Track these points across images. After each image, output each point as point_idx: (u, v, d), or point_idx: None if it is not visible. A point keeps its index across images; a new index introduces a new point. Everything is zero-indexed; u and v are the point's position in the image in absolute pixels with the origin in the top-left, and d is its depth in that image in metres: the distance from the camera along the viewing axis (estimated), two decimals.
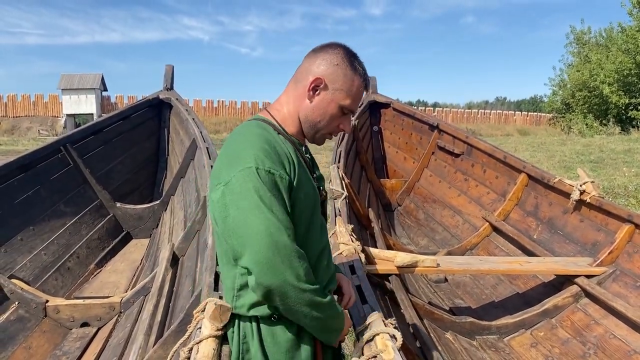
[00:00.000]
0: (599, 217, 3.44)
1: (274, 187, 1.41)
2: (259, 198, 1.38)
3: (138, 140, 5.49)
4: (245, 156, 1.43)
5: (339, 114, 1.56)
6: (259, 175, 1.39)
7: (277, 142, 1.50)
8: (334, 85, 1.53)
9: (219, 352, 1.56)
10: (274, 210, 1.39)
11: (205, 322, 1.62)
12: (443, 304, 3.57)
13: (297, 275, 1.40)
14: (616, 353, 2.75)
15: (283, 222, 1.39)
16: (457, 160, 4.95)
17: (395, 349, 1.57)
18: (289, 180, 1.45)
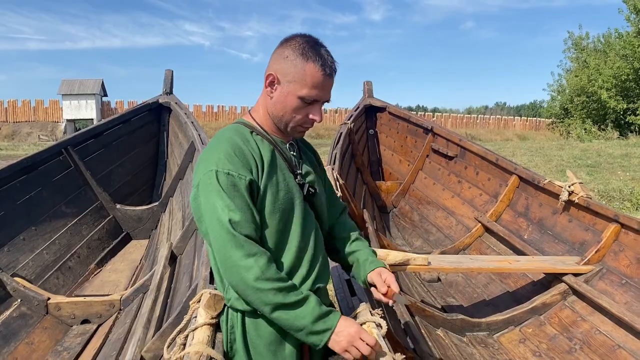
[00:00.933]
0: (586, 217, 3.53)
1: (232, 187, 1.49)
2: (218, 197, 1.48)
3: (138, 144, 5.60)
4: (209, 160, 1.54)
5: (301, 104, 1.56)
6: (217, 177, 1.49)
7: (246, 145, 1.58)
8: (286, 77, 1.54)
9: (214, 339, 1.64)
10: (232, 207, 1.48)
11: (201, 311, 1.70)
12: (435, 302, 3.65)
13: (253, 273, 1.45)
14: (601, 348, 2.83)
15: (241, 218, 1.48)
16: (451, 163, 5.04)
17: (380, 335, 1.66)
18: (251, 179, 1.52)
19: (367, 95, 6.13)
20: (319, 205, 1.77)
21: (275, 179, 1.59)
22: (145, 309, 2.61)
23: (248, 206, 1.51)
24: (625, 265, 3.14)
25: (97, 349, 2.90)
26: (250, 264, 1.46)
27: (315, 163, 1.85)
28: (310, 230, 1.70)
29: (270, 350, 1.66)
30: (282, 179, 1.62)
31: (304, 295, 1.53)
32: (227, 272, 1.50)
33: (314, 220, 1.73)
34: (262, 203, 1.56)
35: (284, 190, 1.61)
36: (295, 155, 1.72)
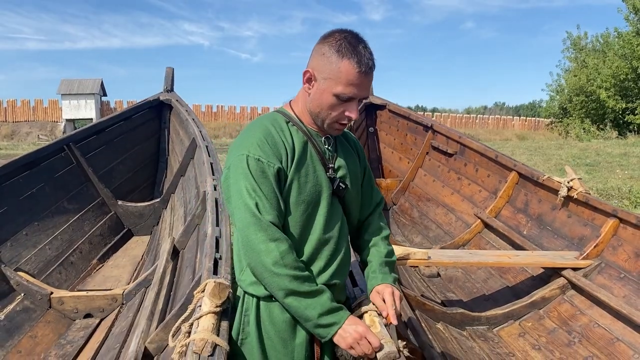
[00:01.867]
0: (585, 213, 3.56)
1: (261, 173, 1.56)
2: (246, 181, 1.56)
3: (139, 141, 5.62)
4: (243, 145, 1.62)
5: (336, 102, 1.58)
6: (248, 162, 1.56)
7: (280, 134, 1.64)
8: (322, 75, 1.57)
9: (218, 326, 1.67)
10: (258, 192, 1.54)
11: (205, 300, 1.73)
12: (435, 297, 3.68)
13: (272, 257, 1.51)
14: (600, 341, 2.86)
15: (266, 204, 1.55)
16: (451, 160, 5.07)
17: (382, 323, 1.68)
18: (279, 167, 1.58)
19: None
20: (349, 200, 1.79)
21: (304, 170, 1.64)
22: (148, 302, 2.63)
23: (274, 193, 1.56)
24: (623, 260, 3.17)
25: (100, 342, 2.92)
26: (271, 248, 1.52)
27: (354, 157, 1.84)
28: (334, 224, 1.72)
29: (281, 338, 1.70)
30: (312, 171, 1.66)
31: (318, 288, 1.58)
32: (247, 253, 1.56)
33: (340, 215, 1.76)
34: (289, 192, 1.61)
35: (312, 182, 1.65)
36: (330, 149, 1.74)
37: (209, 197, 3.09)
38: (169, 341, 1.73)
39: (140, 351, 2.19)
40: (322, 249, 1.69)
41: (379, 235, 1.89)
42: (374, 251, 1.86)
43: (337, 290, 1.75)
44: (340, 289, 1.79)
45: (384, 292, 1.72)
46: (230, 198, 1.62)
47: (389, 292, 1.71)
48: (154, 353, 2.26)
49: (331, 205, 1.70)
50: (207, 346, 1.53)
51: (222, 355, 1.53)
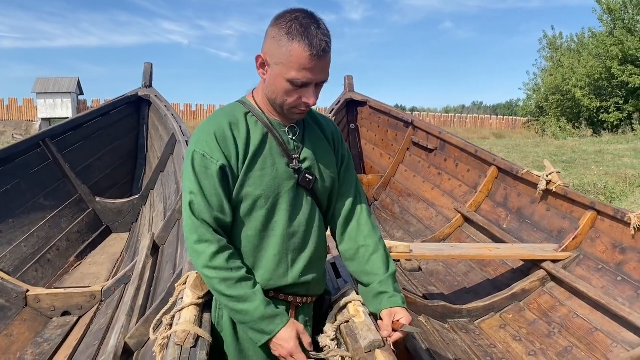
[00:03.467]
0: (564, 206, 3.61)
1: (204, 169, 1.51)
2: (189, 178, 1.54)
3: (117, 137, 5.54)
4: (194, 139, 1.58)
5: (290, 87, 1.47)
6: (194, 157, 1.53)
7: (233, 127, 1.55)
8: (274, 59, 1.46)
9: (201, 318, 1.64)
10: (196, 190, 1.52)
11: (187, 292, 1.70)
12: (417, 290, 3.69)
13: (202, 259, 1.51)
14: (579, 331, 2.90)
15: (202, 202, 1.51)
16: (431, 155, 5.10)
17: (366, 313, 1.68)
18: (223, 164, 1.50)
19: (348, 89, 6.17)
20: (320, 192, 1.69)
21: (260, 164, 1.56)
22: (127, 298, 2.59)
23: (215, 191, 1.51)
24: (601, 251, 3.22)
25: (79, 339, 2.87)
26: (201, 250, 1.51)
27: (325, 146, 1.72)
28: (300, 218, 1.64)
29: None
30: (271, 163, 1.57)
31: (250, 292, 1.53)
32: (188, 250, 1.57)
33: (308, 208, 1.66)
34: (242, 188, 1.55)
35: (270, 175, 1.57)
36: (295, 140, 1.63)
37: None
38: (150, 334, 1.70)
39: (120, 346, 2.15)
40: (287, 244, 1.62)
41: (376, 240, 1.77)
42: (377, 261, 1.73)
43: (313, 285, 1.72)
44: (316, 283, 1.73)
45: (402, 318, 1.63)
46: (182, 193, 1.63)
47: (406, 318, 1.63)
48: (134, 348, 2.22)
49: (295, 198, 1.62)
50: (189, 338, 1.51)
51: (204, 346, 1.50)
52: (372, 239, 1.76)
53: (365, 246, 1.74)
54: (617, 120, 19.80)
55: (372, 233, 1.77)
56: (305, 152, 1.65)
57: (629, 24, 19.73)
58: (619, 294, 2.95)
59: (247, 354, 1.66)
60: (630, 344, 2.68)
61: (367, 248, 1.74)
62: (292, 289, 1.66)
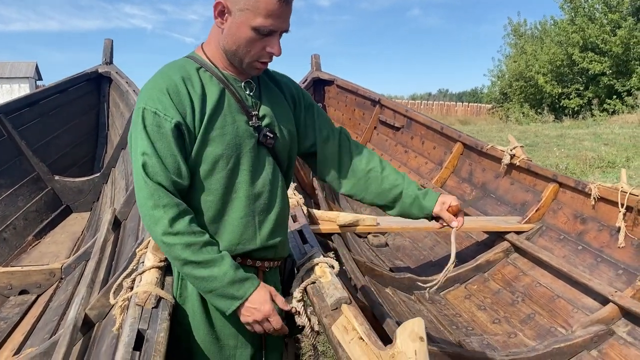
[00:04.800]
0: (527, 179, 3.67)
1: (157, 128, 1.39)
2: (140, 138, 1.40)
3: (76, 114, 5.35)
4: (142, 96, 1.44)
5: (255, 36, 1.40)
6: (144, 115, 1.40)
7: (187, 83, 1.44)
8: (237, 5, 1.38)
9: (163, 281, 1.59)
10: (149, 151, 1.39)
11: (149, 255, 1.65)
12: (384, 265, 3.71)
13: (161, 226, 1.39)
14: (541, 299, 2.97)
15: (157, 164, 1.39)
16: (398, 134, 5.11)
17: (332, 273, 1.66)
18: (178, 122, 1.39)
19: (315, 68, 6.11)
20: (280, 150, 1.61)
21: (220, 122, 1.45)
22: (88, 272, 2.51)
23: (171, 152, 1.39)
24: (563, 222, 3.29)
25: (37, 316, 2.77)
26: (159, 216, 1.38)
27: (283, 103, 1.65)
28: (263, 178, 1.56)
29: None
30: (231, 121, 1.47)
31: (217, 255, 1.43)
32: (143, 219, 1.44)
33: (271, 168, 1.58)
34: (202, 148, 1.44)
35: (230, 134, 1.47)
36: (252, 95, 1.54)
37: None
38: (110, 299, 1.64)
39: (80, 318, 2.08)
40: (253, 206, 1.53)
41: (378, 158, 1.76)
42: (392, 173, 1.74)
43: (279, 248, 1.66)
44: (282, 245, 1.68)
45: (451, 201, 1.70)
46: (130, 154, 1.48)
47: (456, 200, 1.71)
48: (96, 320, 2.15)
49: (257, 157, 1.54)
50: (150, 298, 1.46)
51: (166, 307, 1.46)
52: (374, 159, 1.75)
53: (372, 168, 1.73)
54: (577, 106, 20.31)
55: (370, 155, 1.76)
56: (264, 108, 1.56)
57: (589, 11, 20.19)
58: (579, 262, 3.02)
59: (215, 325, 1.58)
60: (590, 309, 2.75)
61: (375, 169, 1.73)
62: (260, 253, 1.58)
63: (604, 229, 3.06)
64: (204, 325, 1.55)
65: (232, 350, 1.60)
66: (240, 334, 1.59)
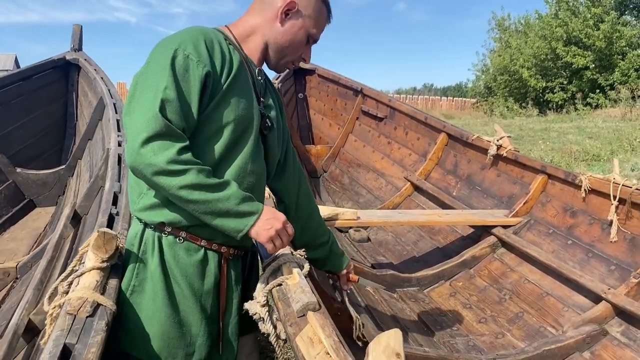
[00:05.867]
0: (514, 171, 3.51)
1: (184, 71, 1.34)
2: (163, 74, 1.32)
3: (42, 104, 5.06)
4: (173, 40, 1.39)
5: (305, 41, 1.56)
6: (175, 54, 1.34)
7: (220, 43, 1.45)
8: (306, 11, 1.53)
9: (104, 284, 1.38)
10: (170, 90, 1.31)
11: (89, 254, 1.44)
12: (365, 261, 3.52)
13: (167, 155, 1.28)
14: (530, 296, 2.81)
15: (176, 105, 1.32)
16: (381, 124, 4.93)
17: (301, 275, 1.47)
18: (209, 71, 1.37)
19: None
20: (271, 144, 1.63)
21: (239, 89, 1.46)
22: (38, 272, 2.28)
23: (190, 98, 1.35)
24: (552, 216, 3.14)
25: None
26: (166, 146, 1.29)
27: (277, 106, 1.70)
28: (258, 161, 1.55)
29: (189, 284, 1.49)
30: (247, 94, 1.49)
31: (224, 180, 1.40)
32: (135, 152, 1.28)
33: (261, 156, 1.59)
34: (219, 106, 1.42)
35: (245, 104, 1.47)
36: (262, 84, 1.60)
37: (112, 154, 2.74)
38: (44, 305, 1.43)
39: (22, 324, 1.86)
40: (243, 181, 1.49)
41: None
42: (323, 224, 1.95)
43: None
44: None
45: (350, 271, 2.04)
46: (135, 93, 1.35)
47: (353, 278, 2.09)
48: (42, 326, 1.93)
49: (256, 139, 1.53)
50: (85, 306, 1.25)
51: (105, 315, 1.25)
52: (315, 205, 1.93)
53: (315, 210, 1.90)
54: (561, 100, 20.36)
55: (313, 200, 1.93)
56: (267, 100, 1.63)
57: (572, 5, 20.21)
58: (569, 258, 2.87)
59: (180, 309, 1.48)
60: (581, 307, 2.59)
61: (316, 212, 1.90)
62: (226, 237, 1.47)
63: (595, 223, 2.90)
64: (166, 309, 1.46)
65: (194, 338, 1.51)
66: (204, 320, 1.51)
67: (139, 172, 1.31)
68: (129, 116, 1.33)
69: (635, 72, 18.62)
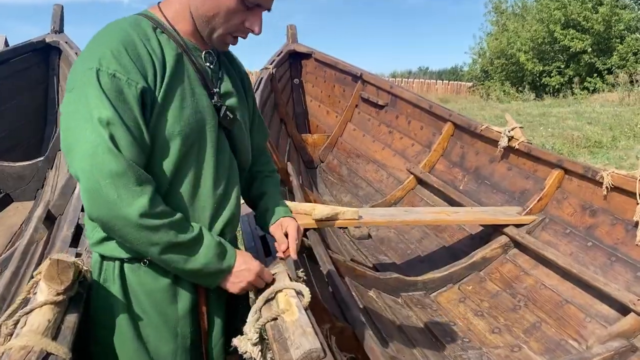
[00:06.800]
0: (527, 164, 3.26)
1: (118, 95, 1.13)
2: (97, 105, 1.11)
3: (21, 90, 4.74)
4: (91, 56, 1.16)
5: (239, 7, 1.23)
6: (99, 78, 1.12)
7: (145, 42, 1.21)
8: None
9: (59, 323, 1.12)
10: (115, 121, 1.11)
11: (41, 286, 1.18)
12: (366, 261, 3.28)
13: (138, 207, 1.11)
14: (547, 304, 2.58)
15: (127, 137, 1.12)
16: (381, 112, 4.66)
17: (300, 307, 1.21)
18: (143, 88, 1.15)
19: (291, 40, 5.58)
20: (238, 136, 1.41)
21: (179, 92, 1.23)
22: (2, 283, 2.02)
23: (137, 123, 1.15)
24: (569, 214, 2.90)
25: None
26: (136, 195, 1.11)
27: (240, 86, 1.47)
28: (225, 166, 1.36)
29: (159, 311, 1.29)
30: (190, 94, 1.26)
31: (197, 233, 1.23)
32: (98, 205, 1.12)
33: (228, 154, 1.39)
34: (159, 122, 1.20)
35: (190, 108, 1.25)
36: (213, 69, 1.35)
37: None
38: None
39: None
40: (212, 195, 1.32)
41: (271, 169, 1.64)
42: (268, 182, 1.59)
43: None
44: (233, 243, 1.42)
45: (288, 225, 1.48)
46: (70, 130, 1.13)
47: (293, 227, 1.47)
48: None
49: (219, 140, 1.33)
50: (30, 357, 0.99)
51: None
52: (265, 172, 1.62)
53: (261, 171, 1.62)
54: (558, 84, 20.13)
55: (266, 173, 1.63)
56: (225, 86, 1.38)
57: None
58: (590, 262, 2.63)
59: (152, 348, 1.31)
60: (606, 319, 2.36)
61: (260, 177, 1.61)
62: None
63: (618, 223, 2.66)
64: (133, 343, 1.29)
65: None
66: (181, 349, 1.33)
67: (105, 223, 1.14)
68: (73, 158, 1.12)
69: (633, 56, 18.40)
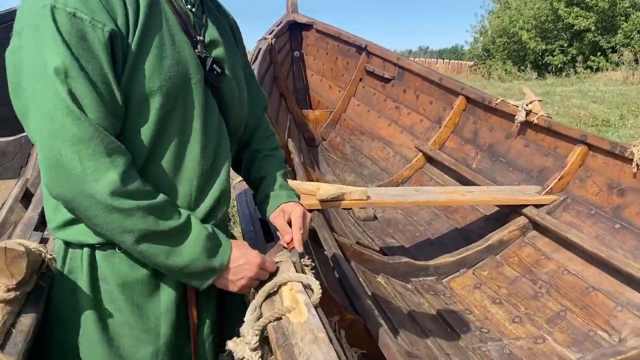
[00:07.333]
0: (546, 140, 3.03)
1: (79, 40, 0.91)
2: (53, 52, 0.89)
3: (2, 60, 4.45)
4: None
5: None
6: (55, 17, 0.90)
7: None
8: None
9: (9, 327, 0.90)
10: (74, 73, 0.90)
11: None
12: (373, 244, 3.07)
13: (107, 183, 0.91)
14: (572, 291, 2.37)
15: (90, 93, 0.91)
16: (388, 86, 4.40)
17: (310, 305, 0.99)
18: (112, 30, 0.93)
19: (291, 10, 5.29)
20: (227, 94, 1.17)
21: (157, 39, 1.00)
22: None
23: (104, 77, 0.93)
24: (593, 194, 2.67)
25: None
26: (103, 168, 0.91)
27: (229, 35, 1.24)
28: (214, 129, 1.13)
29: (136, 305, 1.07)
30: (170, 41, 1.03)
31: (183, 220, 1.02)
32: (58, 179, 0.92)
33: (217, 117, 1.15)
34: (133, 77, 0.97)
35: (171, 58, 1.02)
36: (195, 13, 1.11)
37: None
38: None
39: None
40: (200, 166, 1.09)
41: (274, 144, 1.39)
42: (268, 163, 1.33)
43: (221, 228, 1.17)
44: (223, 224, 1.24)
45: (292, 211, 1.24)
46: (21, 86, 0.93)
47: (298, 213, 1.23)
48: None
49: (206, 98, 1.09)
50: None
51: None
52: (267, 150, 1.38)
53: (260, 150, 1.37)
54: (561, 63, 19.81)
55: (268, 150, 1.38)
56: (211, 33, 1.14)
57: None
58: (618, 245, 2.41)
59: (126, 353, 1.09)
60: (638, 307, 2.16)
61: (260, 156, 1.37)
62: None
63: None
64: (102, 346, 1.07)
65: None
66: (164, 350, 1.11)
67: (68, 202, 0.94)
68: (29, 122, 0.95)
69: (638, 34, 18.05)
